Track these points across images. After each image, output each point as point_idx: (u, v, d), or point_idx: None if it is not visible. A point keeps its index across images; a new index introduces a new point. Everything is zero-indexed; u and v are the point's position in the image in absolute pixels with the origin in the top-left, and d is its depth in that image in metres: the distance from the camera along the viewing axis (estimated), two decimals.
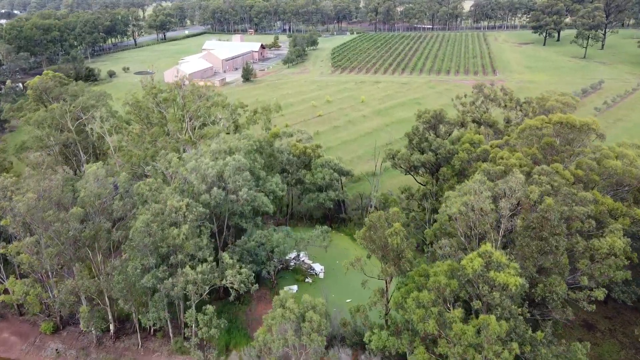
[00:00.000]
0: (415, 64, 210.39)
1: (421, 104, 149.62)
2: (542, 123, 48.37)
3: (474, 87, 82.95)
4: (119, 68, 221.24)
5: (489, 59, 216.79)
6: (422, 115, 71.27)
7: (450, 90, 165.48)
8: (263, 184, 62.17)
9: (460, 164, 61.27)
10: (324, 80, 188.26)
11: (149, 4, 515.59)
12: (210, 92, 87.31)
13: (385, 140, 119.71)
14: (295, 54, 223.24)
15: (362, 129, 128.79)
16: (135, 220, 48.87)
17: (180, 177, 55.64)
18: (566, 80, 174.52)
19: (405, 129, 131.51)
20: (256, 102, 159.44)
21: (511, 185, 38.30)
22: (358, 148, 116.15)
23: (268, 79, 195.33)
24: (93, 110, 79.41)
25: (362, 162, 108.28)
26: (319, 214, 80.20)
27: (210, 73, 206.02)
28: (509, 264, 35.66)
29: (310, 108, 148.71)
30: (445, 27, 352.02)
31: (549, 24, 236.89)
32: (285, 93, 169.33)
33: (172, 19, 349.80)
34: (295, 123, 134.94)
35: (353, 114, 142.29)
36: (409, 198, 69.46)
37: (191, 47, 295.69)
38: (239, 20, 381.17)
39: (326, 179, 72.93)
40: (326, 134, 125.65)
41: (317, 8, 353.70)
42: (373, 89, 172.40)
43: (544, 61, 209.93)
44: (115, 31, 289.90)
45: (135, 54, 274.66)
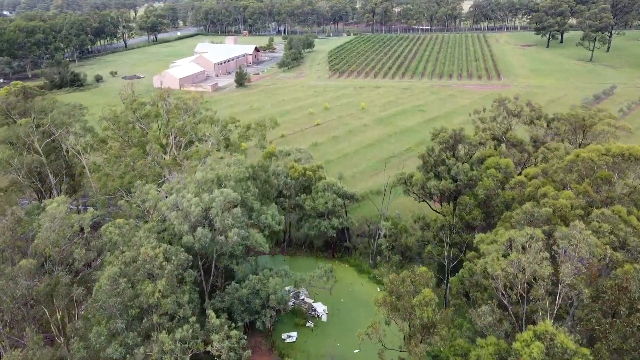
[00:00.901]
0: (415, 68, 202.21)
1: (425, 111, 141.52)
2: (599, 156, 40.13)
3: (495, 101, 74.45)
4: (106, 72, 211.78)
5: (492, 62, 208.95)
6: (438, 134, 62.75)
7: (454, 96, 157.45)
8: (257, 216, 53.54)
9: (484, 192, 52.85)
10: (321, 85, 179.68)
11: (140, 5, 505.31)
12: (197, 105, 78.44)
13: (389, 153, 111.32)
14: (290, 57, 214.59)
15: (363, 140, 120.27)
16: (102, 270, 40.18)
17: (159, 213, 46.95)
18: (575, 84, 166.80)
19: (409, 139, 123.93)
20: (250, 109, 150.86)
21: (574, 242, 29.95)
22: (360, 161, 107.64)
23: (263, 84, 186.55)
24: (64, 127, 70.44)
25: (365, 177, 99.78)
26: (320, 242, 71.63)
27: (202, 77, 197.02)
28: (577, 351, 27.25)
29: (307, 116, 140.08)
30: (444, 29, 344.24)
31: (553, 25, 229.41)
32: (280, 99, 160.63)
33: (163, 20, 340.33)
34: (292, 133, 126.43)
35: (353, 122, 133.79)
36: (423, 229, 60.95)
37: (183, 49, 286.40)
38: (233, 22, 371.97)
39: (328, 205, 64.38)
40: (325, 146, 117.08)
41: (312, 9, 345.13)
42: (373, 94, 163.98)
43: (549, 64, 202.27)
44: (104, 33, 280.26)
45: (124, 57, 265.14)
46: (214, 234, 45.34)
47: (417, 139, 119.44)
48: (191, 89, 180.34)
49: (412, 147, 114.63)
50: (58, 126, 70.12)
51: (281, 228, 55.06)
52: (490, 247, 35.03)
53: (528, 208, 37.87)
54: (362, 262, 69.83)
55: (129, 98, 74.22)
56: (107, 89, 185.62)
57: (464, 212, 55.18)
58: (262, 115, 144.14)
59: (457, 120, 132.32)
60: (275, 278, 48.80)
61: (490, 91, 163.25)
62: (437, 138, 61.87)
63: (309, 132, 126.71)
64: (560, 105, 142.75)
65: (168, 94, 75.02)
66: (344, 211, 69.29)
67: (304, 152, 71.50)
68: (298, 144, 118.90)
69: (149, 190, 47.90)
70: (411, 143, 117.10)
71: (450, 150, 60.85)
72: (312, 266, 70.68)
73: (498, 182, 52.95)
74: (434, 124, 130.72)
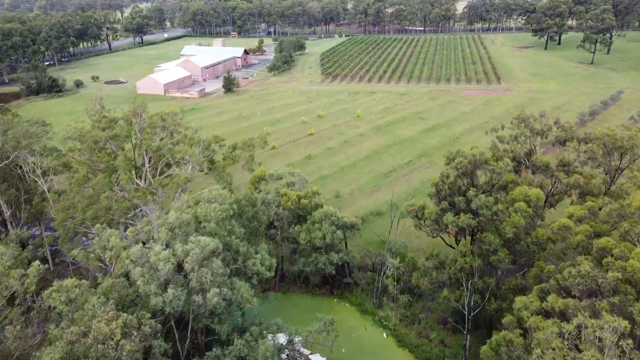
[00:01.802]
0: (412, 71, 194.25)
1: (424, 119, 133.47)
2: None
3: (515, 117, 66.28)
4: (88, 76, 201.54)
5: (490, 65, 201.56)
6: (454, 159, 54.34)
7: (454, 102, 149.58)
8: (243, 261, 44.88)
9: (513, 231, 44.61)
10: (313, 91, 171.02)
11: (127, 5, 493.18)
12: (177, 121, 69.59)
13: (389, 166, 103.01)
14: (281, 60, 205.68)
15: (360, 151, 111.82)
16: (42, 350, 31.32)
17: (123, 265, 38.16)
18: (579, 89, 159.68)
19: (409, 150, 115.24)
20: (239, 117, 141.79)
21: None
22: (358, 176, 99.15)
23: (252, 89, 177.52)
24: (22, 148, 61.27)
25: (364, 195, 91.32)
26: (317, 278, 62.98)
27: (189, 82, 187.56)
28: None
29: (299, 125, 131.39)
30: (437, 30, 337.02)
31: (551, 27, 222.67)
32: (271, 106, 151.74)
33: (149, 22, 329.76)
34: (284, 144, 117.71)
35: (349, 131, 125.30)
36: (437, 268, 52.54)
37: (170, 51, 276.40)
38: (222, 23, 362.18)
39: (327, 239, 55.84)
40: (319, 158, 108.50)
41: (303, 10, 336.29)
42: (369, 100, 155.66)
43: (549, 67, 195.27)
44: (87, 35, 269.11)
45: (108, 60, 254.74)
46: (190, 293, 36.64)
47: (418, 150, 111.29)
48: (177, 95, 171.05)
49: (413, 159, 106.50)
50: (14, 148, 60.91)
51: (271, 274, 46.32)
52: (546, 328, 26.66)
53: (588, 270, 29.68)
54: (365, 301, 61.34)
55: (97, 114, 65.06)
56: (88, 94, 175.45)
57: (486, 252, 46.90)
58: (251, 124, 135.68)
59: (459, 129, 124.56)
60: (266, 342, 40.09)
61: (491, 96, 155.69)
62: (453, 163, 53.43)
63: (302, 143, 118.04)
64: (567, 111, 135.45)
65: (142, 110, 65.91)
66: (344, 244, 60.71)
67: (298, 175, 62.80)
68: (290, 157, 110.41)
69: (110, 237, 39.01)
70: (412, 155, 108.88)
71: (468, 177, 52.51)
72: (308, 305, 62.22)
73: (528, 218, 44.72)
74: (435, 133, 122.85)
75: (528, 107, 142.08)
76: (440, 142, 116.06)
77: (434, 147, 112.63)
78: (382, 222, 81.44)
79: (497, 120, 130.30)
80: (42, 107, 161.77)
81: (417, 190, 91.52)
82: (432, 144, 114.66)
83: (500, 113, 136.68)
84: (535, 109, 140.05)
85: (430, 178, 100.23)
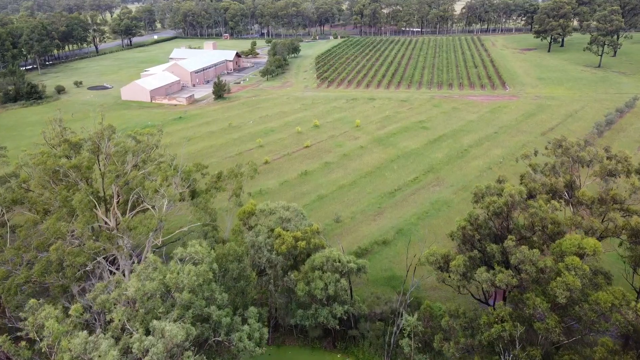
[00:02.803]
0: (412, 75, 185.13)
1: (428, 129, 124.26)
2: None
3: (551, 142, 57.02)
4: (71, 82, 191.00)
5: (493, 69, 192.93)
6: (482, 196, 45.02)
7: (459, 110, 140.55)
8: (227, 333, 35.39)
9: (566, 295, 35.38)
10: (309, 97, 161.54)
11: (117, 6, 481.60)
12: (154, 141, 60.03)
13: (393, 184, 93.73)
14: (274, 64, 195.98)
15: (361, 166, 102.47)
16: None
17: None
18: (590, 95, 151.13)
19: (415, 165, 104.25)
20: (229, 127, 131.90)
21: None
22: (359, 196, 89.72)
23: (244, 95, 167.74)
24: None
25: (367, 219, 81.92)
26: (318, 331, 53.48)
27: (177, 88, 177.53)
28: None
29: (294, 136, 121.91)
30: (435, 31, 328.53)
31: (555, 28, 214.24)
32: (264, 114, 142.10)
33: (138, 23, 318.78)
34: (278, 158, 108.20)
35: (348, 143, 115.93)
36: (465, 329, 43.15)
37: (159, 54, 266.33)
38: (213, 24, 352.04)
39: (329, 291, 46.46)
40: (316, 175, 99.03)
41: (297, 10, 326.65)
42: (368, 108, 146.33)
43: (555, 71, 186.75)
44: (72, 37, 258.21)
45: (95, 63, 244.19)
46: None
47: (424, 165, 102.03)
48: (164, 102, 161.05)
49: (419, 176, 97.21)
50: None
51: (262, 351, 36.82)
52: None
53: None
54: (374, 357, 52.03)
55: (56, 138, 55.33)
56: (70, 102, 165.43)
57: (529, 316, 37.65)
58: (242, 135, 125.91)
59: (467, 140, 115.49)
60: None
61: (497, 103, 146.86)
62: (483, 202, 44.06)
63: (297, 157, 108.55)
64: (580, 120, 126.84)
65: (112, 131, 56.28)
66: (349, 294, 51.29)
67: (293, 209, 53.22)
68: (284, 173, 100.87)
69: (48, 319, 29.38)
70: (418, 170, 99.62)
71: (502, 219, 43.15)
72: None
73: (585, 278, 35.53)
74: (441, 144, 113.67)
75: (538, 115, 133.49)
76: (447, 155, 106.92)
77: (441, 162, 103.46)
78: (389, 252, 72.22)
79: (506, 130, 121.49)
80: (18, 115, 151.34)
81: (426, 214, 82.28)
82: (438, 158, 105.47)
83: (509, 122, 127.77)
84: (545, 117, 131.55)
85: (439, 198, 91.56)
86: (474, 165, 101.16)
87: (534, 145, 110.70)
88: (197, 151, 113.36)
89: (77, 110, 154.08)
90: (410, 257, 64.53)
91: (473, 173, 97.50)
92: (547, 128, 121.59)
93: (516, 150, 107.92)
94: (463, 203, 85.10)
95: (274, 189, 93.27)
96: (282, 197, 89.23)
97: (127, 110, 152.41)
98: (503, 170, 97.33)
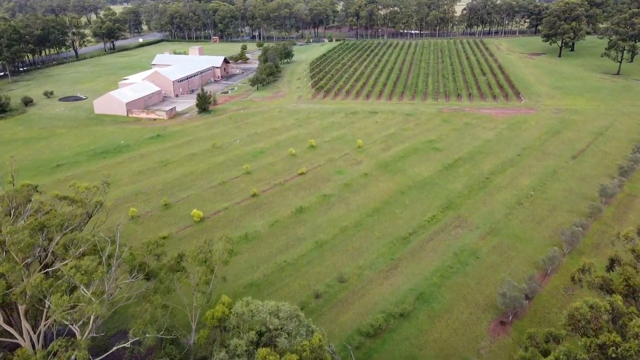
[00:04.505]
0: (415, 84, 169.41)
1: (441, 150, 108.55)
2: None
3: None
4: (41, 92, 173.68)
5: (503, 76, 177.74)
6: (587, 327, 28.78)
7: (472, 126, 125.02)
8: None
9: None
10: (303, 110, 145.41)
11: (102, 7, 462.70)
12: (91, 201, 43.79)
13: (405, 225, 77.70)
14: (265, 72, 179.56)
15: (366, 201, 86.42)
16: None
17: None
18: (615, 107, 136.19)
19: (429, 199, 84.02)
20: (212, 148, 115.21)
21: None
22: (366, 242, 73.57)
23: (231, 108, 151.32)
24: None
25: (377, 276, 65.82)
26: None
27: (158, 99, 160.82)
28: None
29: (287, 159, 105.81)
30: (434, 33, 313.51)
31: (567, 32, 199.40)
32: (252, 132, 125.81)
33: (121, 26, 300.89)
34: (268, 189, 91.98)
35: (349, 170, 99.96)
36: None
37: (143, 59, 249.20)
38: (202, 26, 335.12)
39: None
40: (313, 212, 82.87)
41: (290, 12, 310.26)
42: (370, 123, 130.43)
43: (571, 79, 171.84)
44: (49, 42, 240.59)
45: (72, 70, 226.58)
46: None
47: (441, 199, 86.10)
48: (141, 116, 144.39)
49: (437, 214, 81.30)
50: None
51: None
52: None
53: None
54: None
55: None
56: (36, 115, 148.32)
57: None
58: (227, 159, 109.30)
59: (487, 165, 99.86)
60: None
61: (514, 117, 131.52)
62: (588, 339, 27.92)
63: (291, 188, 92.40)
64: (613, 139, 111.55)
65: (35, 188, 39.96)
66: None
67: (287, 312, 36.92)
68: (275, 210, 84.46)
69: None
70: (434, 206, 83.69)
71: None
72: None
73: None
74: (458, 171, 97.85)
75: (563, 132, 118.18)
76: (466, 185, 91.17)
77: (461, 194, 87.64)
78: (409, 329, 56.12)
79: (530, 152, 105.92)
80: None
81: (450, 269, 66.36)
82: (457, 190, 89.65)
83: (532, 141, 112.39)
84: (572, 135, 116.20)
85: (464, 246, 73.99)
86: (499, 199, 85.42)
87: (565, 171, 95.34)
88: (173, 180, 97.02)
89: (44, 126, 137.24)
90: (436, 338, 48.58)
91: (500, 210, 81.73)
92: (577, 150, 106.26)
93: (546, 178, 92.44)
94: (494, 254, 69.43)
95: (262, 233, 77.05)
96: (272, 245, 73.20)
97: (99, 127, 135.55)
98: (536, 206, 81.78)
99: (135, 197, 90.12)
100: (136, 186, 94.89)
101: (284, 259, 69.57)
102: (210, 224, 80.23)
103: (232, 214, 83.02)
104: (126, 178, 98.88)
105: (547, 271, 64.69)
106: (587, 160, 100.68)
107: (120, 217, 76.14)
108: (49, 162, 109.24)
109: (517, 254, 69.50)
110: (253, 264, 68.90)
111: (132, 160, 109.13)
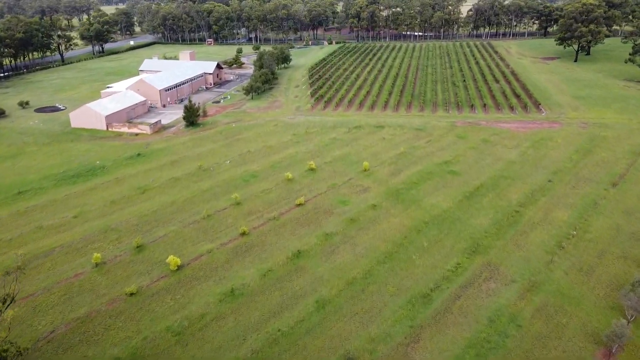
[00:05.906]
0: (423, 93, 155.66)
1: (459, 174, 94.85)
2: None
3: None
4: (16, 101, 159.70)
5: (519, 84, 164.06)
6: None
7: (491, 143, 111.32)
8: None
9: None
10: (302, 124, 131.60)
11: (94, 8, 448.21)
12: None
13: (426, 279, 63.99)
14: (261, 79, 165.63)
15: (375, 242, 72.66)
16: None
17: None
18: None
19: (451, 240, 70.49)
20: (198, 170, 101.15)
21: None
22: (379, 302, 59.84)
23: (222, 121, 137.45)
24: None
25: (395, 354, 52.02)
26: None
27: (143, 110, 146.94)
28: None
29: (284, 185, 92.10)
30: (439, 35, 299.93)
31: (585, 35, 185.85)
32: (245, 151, 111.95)
33: (111, 28, 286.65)
34: (261, 225, 78.21)
35: (354, 199, 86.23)
36: None
37: (132, 63, 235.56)
38: (196, 28, 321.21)
39: None
40: (314, 258, 69.10)
41: (288, 13, 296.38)
42: (376, 140, 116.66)
43: (592, 87, 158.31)
44: (31, 45, 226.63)
45: (56, 76, 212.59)
46: None
47: (465, 240, 72.33)
48: (123, 130, 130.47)
49: (462, 261, 67.53)
50: None
51: None
52: None
53: None
54: None
55: None
56: (7, 129, 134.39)
57: None
58: (214, 185, 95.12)
59: (515, 194, 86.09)
60: None
61: (537, 133, 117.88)
62: None
63: (287, 223, 78.59)
64: None
65: None
66: None
67: None
68: (268, 254, 70.47)
69: None
70: (457, 250, 69.99)
71: None
72: None
73: None
74: (481, 201, 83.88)
75: (595, 152, 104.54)
76: (493, 221, 77.42)
77: (488, 233, 73.88)
78: None
79: (562, 176, 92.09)
80: None
81: (488, 345, 52.55)
82: (482, 227, 75.89)
83: (562, 163, 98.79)
84: (606, 155, 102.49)
85: (500, 308, 55.94)
86: (535, 241, 71.69)
87: (607, 202, 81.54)
88: (151, 212, 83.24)
89: (12, 142, 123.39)
90: None
91: (538, 255, 68.00)
92: (617, 175, 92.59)
93: (586, 212, 78.77)
94: (538, 320, 55.68)
95: (252, 287, 63.25)
96: (264, 305, 59.41)
97: (74, 143, 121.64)
98: (581, 251, 68.02)
99: (103, 235, 76.38)
100: (106, 220, 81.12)
101: (277, 327, 55.82)
102: (189, 273, 66.51)
103: (216, 260, 69.31)
104: (96, 209, 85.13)
105: (612, 349, 50.98)
106: (631, 189, 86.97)
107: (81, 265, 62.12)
108: (10, 187, 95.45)
109: (567, 320, 55.75)
110: (239, 334, 55.19)
111: (106, 186, 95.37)
